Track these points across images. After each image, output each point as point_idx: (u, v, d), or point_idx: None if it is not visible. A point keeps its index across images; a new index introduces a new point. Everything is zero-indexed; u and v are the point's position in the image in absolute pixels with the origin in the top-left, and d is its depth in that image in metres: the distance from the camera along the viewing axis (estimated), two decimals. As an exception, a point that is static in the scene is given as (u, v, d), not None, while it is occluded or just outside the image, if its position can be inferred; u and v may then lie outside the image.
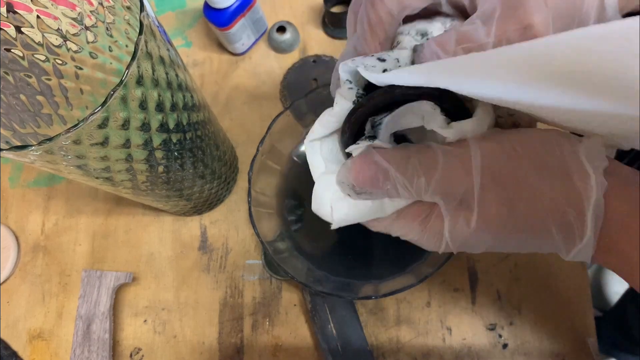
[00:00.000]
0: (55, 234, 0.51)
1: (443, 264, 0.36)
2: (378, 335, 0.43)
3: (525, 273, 0.44)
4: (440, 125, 0.22)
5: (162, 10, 0.59)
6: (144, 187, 0.35)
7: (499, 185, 0.20)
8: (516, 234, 0.21)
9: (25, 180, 0.54)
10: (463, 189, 0.21)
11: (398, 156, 0.22)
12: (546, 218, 0.20)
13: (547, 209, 0.20)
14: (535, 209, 0.20)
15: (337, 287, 0.40)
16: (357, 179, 0.23)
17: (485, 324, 0.43)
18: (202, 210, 0.49)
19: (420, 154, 0.22)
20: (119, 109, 0.25)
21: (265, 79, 0.54)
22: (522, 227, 0.21)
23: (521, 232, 0.21)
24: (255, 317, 0.45)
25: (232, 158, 0.49)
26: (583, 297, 0.43)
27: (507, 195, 0.20)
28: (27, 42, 0.34)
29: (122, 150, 0.28)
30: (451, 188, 0.21)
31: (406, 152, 0.22)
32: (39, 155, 0.25)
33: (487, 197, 0.20)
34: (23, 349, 0.47)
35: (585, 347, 0.41)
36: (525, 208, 0.20)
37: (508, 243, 0.22)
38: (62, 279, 0.49)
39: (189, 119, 0.33)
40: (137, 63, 0.25)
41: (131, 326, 0.47)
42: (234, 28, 0.50)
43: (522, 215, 0.20)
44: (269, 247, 0.39)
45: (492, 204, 0.20)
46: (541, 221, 0.20)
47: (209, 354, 0.45)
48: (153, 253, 0.49)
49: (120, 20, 0.35)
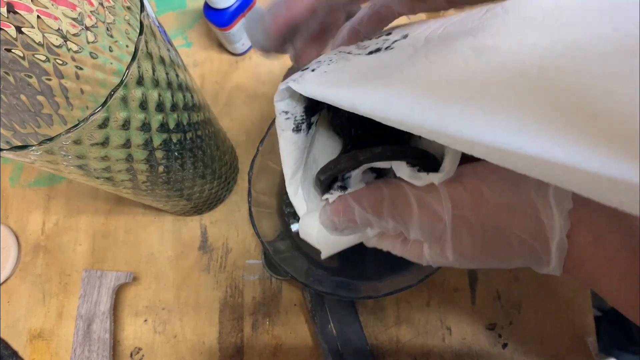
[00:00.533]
0: (55, 234, 0.51)
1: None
2: (378, 335, 0.43)
3: (525, 273, 0.44)
4: (409, 175, 0.23)
5: (163, 10, 0.59)
6: (144, 187, 0.35)
7: (469, 227, 0.22)
8: (491, 260, 0.23)
9: (26, 180, 0.54)
10: (438, 230, 0.22)
11: (372, 199, 0.23)
12: (515, 251, 0.21)
13: (515, 244, 0.21)
14: (506, 244, 0.21)
15: (337, 287, 0.40)
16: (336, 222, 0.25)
17: (485, 323, 0.43)
18: (203, 210, 0.49)
19: (393, 197, 0.23)
20: (119, 109, 0.25)
21: (265, 79, 0.54)
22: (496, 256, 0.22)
23: (495, 260, 0.22)
24: (256, 317, 0.45)
25: (232, 158, 0.49)
26: (583, 297, 0.43)
27: (478, 233, 0.22)
28: (28, 42, 0.34)
29: (122, 150, 0.28)
30: (427, 231, 0.23)
31: (379, 195, 0.23)
32: (40, 155, 0.25)
33: (459, 236, 0.22)
34: (23, 348, 0.47)
35: (585, 346, 0.41)
36: (496, 243, 0.22)
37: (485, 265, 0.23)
38: (62, 279, 0.49)
39: (189, 119, 0.33)
40: (137, 63, 0.25)
41: (131, 326, 0.47)
42: (234, 28, 0.50)
43: (494, 248, 0.22)
44: (269, 247, 0.39)
45: (464, 241, 0.22)
46: (510, 254, 0.22)
47: (209, 354, 0.45)
48: (153, 253, 0.49)
49: (120, 21, 0.35)
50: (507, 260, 0.22)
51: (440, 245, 0.23)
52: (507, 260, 0.22)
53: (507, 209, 0.21)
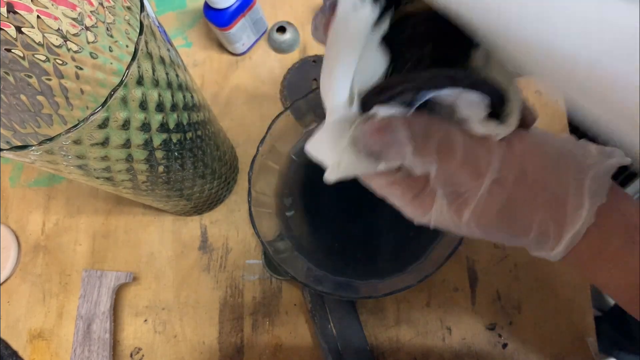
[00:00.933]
0: (55, 234, 0.51)
1: (443, 263, 0.36)
2: (378, 335, 0.43)
3: (525, 273, 0.44)
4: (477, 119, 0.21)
5: (163, 10, 0.59)
6: (144, 187, 0.35)
7: (502, 194, 0.21)
8: (501, 234, 0.22)
9: (26, 180, 0.54)
10: (470, 186, 0.21)
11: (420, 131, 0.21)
12: (531, 230, 0.21)
13: (536, 223, 0.21)
14: (527, 222, 0.21)
15: (337, 287, 0.40)
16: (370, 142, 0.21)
17: (485, 323, 0.43)
18: (203, 210, 0.49)
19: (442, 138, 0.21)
20: (119, 109, 0.25)
21: (265, 79, 0.54)
22: (509, 231, 0.22)
23: (504, 233, 0.22)
24: (255, 316, 0.45)
25: (232, 158, 0.49)
26: (583, 297, 0.43)
27: (505, 202, 0.21)
28: (28, 42, 0.34)
29: (122, 150, 0.28)
30: (458, 185, 0.21)
31: (428, 129, 0.21)
32: (40, 155, 0.25)
33: (487, 200, 0.21)
34: (23, 348, 0.47)
35: (585, 347, 0.41)
36: (518, 218, 0.21)
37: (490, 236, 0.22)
38: (62, 279, 0.49)
39: (189, 119, 0.33)
40: (137, 63, 0.25)
41: (131, 326, 0.47)
42: (234, 28, 0.50)
43: (514, 223, 0.21)
44: (269, 247, 0.39)
45: (489, 207, 0.21)
46: (526, 231, 0.21)
47: (209, 354, 0.45)
48: (153, 253, 0.49)
49: (120, 21, 0.35)
50: (517, 237, 0.22)
51: (459, 204, 0.22)
52: (517, 237, 0.22)
53: (542, 187, 0.20)
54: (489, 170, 0.20)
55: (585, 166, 0.21)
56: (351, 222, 0.44)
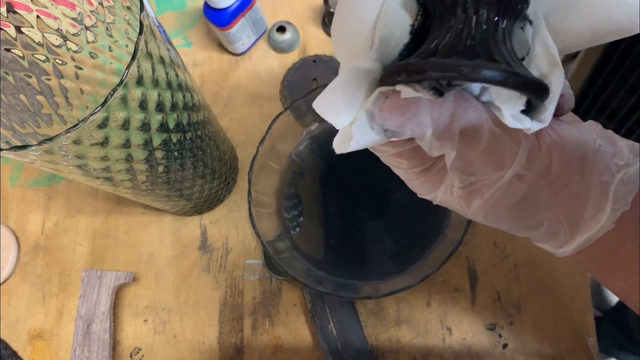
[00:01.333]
0: (55, 234, 0.51)
1: (443, 263, 0.36)
2: (378, 335, 0.43)
3: (525, 273, 0.44)
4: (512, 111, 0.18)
5: (162, 10, 0.59)
6: (144, 187, 0.35)
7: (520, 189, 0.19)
8: (509, 226, 0.21)
9: (26, 180, 0.54)
10: (488, 177, 0.19)
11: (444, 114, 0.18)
12: (542, 228, 0.20)
13: (549, 222, 0.20)
14: (539, 218, 0.20)
15: (337, 287, 0.40)
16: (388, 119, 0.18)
17: (485, 323, 0.43)
18: (202, 210, 0.49)
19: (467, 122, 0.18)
20: (119, 109, 0.25)
21: (265, 79, 0.54)
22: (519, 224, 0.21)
23: (514, 227, 0.21)
24: (255, 317, 0.45)
25: (232, 158, 0.49)
26: (583, 297, 0.43)
27: (522, 196, 0.20)
28: (27, 42, 0.34)
29: (122, 150, 0.28)
30: (476, 174, 0.20)
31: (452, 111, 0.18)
32: (39, 155, 0.25)
33: (504, 193, 0.19)
34: (23, 349, 0.47)
35: (585, 347, 0.41)
36: (530, 215, 0.20)
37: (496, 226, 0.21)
38: (62, 279, 0.49)
39: (189, 119, 0.33)
40: (137, 63, 0.25)
41: (131, 326, 0.47)
42: (234, 28, 0.50)
43: (525, 218, 0.20)
44: (269, 247, 0.39)
45: (504, 200, 0.20)
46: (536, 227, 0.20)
47: (209, 354, 0.45)
48: (153, 253, 0.49)
49: (120, 20, 0.35)
50: (526, 232, 0.21)
51: (471, 191, 0.20)
52: (527, 232, 0.21)
53: (563, 185, 0.19)
54: (513, 164, 0.19)
55: (613, 168, 0.19)
56: (351, 223, 0.44)
